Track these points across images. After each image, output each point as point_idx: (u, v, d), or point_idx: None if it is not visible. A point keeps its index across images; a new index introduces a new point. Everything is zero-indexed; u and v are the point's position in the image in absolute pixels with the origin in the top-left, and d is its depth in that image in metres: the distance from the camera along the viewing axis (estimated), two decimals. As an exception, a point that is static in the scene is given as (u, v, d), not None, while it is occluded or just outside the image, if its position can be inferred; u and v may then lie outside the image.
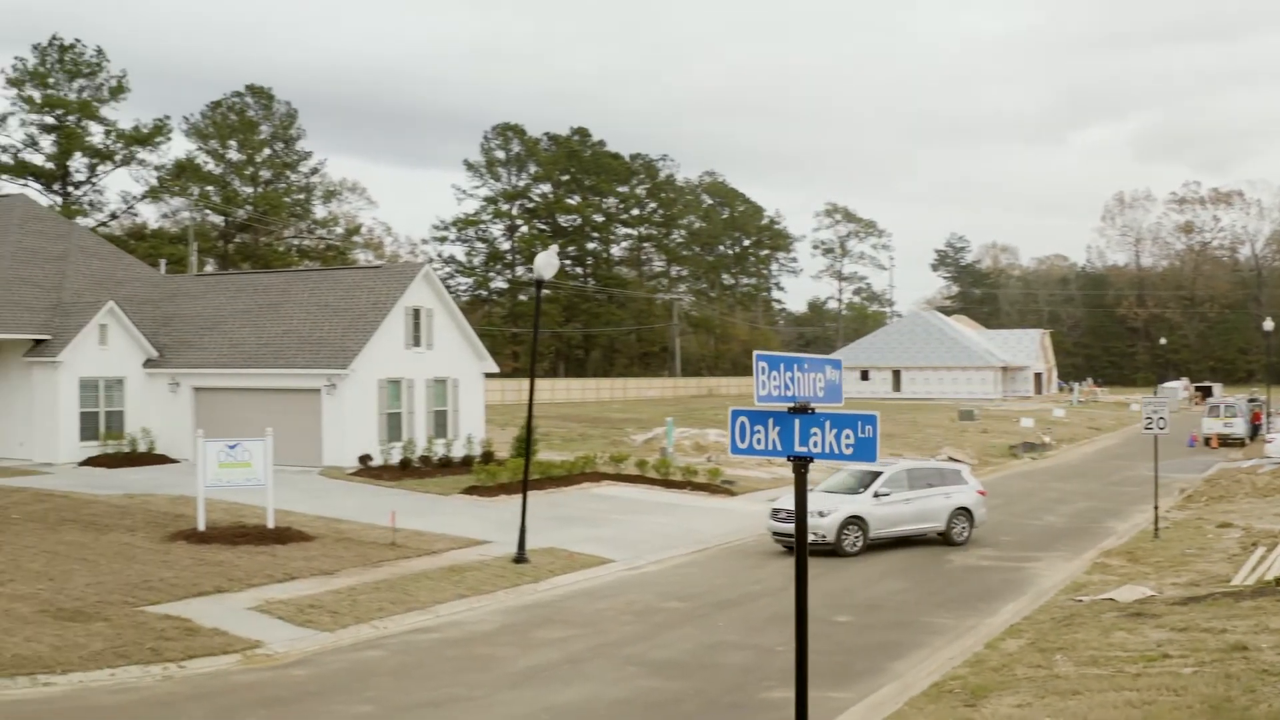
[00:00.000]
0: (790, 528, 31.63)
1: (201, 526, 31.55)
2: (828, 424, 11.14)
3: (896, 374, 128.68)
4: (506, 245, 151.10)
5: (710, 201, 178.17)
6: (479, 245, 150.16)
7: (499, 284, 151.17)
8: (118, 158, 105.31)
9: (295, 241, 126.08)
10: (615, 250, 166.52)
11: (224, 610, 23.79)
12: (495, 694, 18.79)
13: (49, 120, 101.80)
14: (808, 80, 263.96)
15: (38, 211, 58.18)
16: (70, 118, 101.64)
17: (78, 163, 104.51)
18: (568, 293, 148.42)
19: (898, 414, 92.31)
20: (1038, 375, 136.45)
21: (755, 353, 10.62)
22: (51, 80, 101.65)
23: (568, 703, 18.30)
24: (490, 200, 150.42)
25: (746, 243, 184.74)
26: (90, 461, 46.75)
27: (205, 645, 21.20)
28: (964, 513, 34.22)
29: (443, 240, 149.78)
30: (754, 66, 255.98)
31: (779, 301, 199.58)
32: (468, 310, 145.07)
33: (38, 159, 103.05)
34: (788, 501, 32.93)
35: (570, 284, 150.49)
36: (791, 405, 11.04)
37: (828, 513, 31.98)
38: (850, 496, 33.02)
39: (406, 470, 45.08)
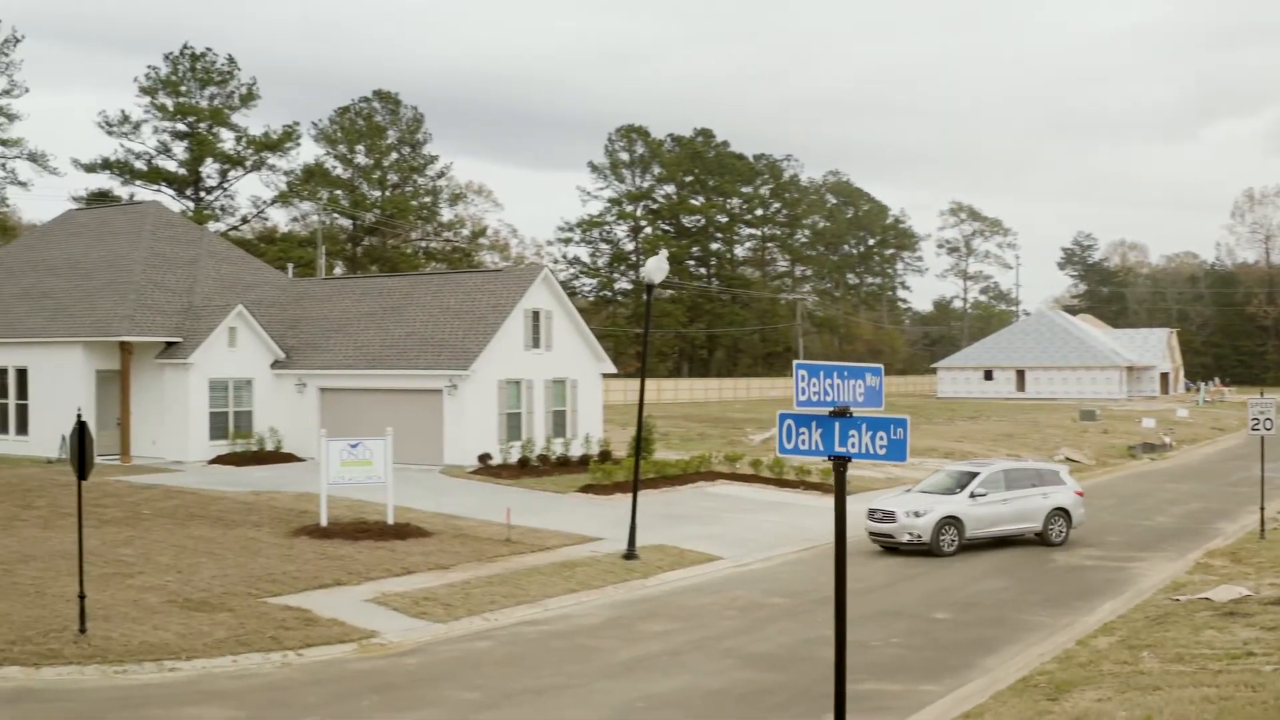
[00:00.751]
0: (885, 527, 32.74)
1: (324, 522, 32.77)
2: (864, 426, 12.05)
3: (1020, 374, 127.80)
4: (630, 246, 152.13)
5: (834, 201, 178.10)
6: (603, 246, 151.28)
7: (623, 285, 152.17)
8: (248, 163, 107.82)
9: (422, 244, 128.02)
10: (739, 250, 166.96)
11: (342, 602, 24.87)
12: (595, 683, 19.61)
13: (181, 127, 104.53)
14: (934, 77, 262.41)
15: (169, 218, 60.10)
16: (202, 125, 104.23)
17: (209, 168, 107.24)
18: (691, 293, 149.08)
19: (1020, 414, 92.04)
20: (1164, 375, 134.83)
21: (795, 362, 11.43)
22: (184, 88, 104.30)
23: (664, 692, 19.08)
24: (614, 202, 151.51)
25: (871, 242, 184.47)
26: (219, 460, 48.35)
27: (323, 634, 22.26)
28: (1061, 513, 34.19)
29: (567, 242, 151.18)
30: (880, 64, 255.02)
31: (904, 301, 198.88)
32: (592, 311, 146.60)
33: (171, 165, 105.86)
34: (884, 501, 33.79)
35: (694, 284, 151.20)
36: (832, 409, 11.81)
37: (924, 513, 32.32)
38: (946, 497, 33.19)
39: (525, 469, 46.11)
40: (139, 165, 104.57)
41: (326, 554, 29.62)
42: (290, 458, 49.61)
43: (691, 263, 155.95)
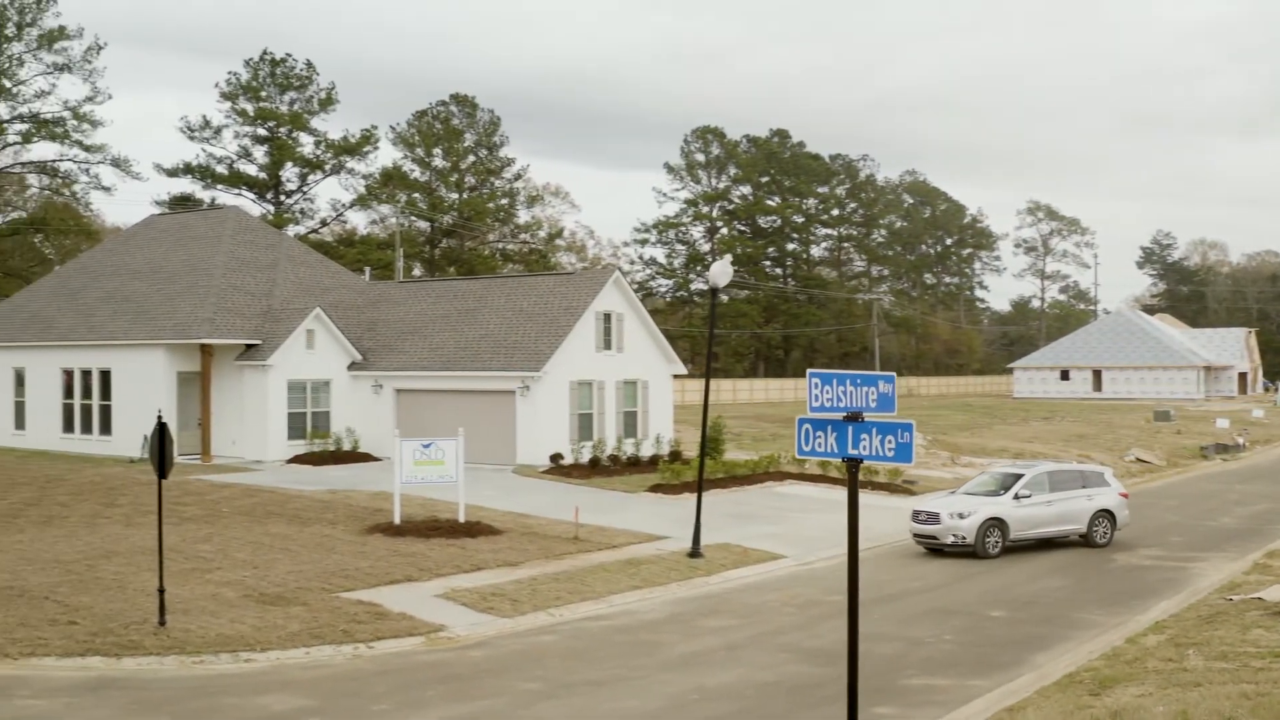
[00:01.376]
0: (928, 529, 33.03)
1: (397, 520, 33.65)
2: (874, 430, 12.82)
3: (1097, 374, 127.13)
4: (706, 247, 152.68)
5: (911, 200, 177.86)
6: (679, 247, 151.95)
7: (699, 285, 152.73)
8: (327, 167, 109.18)
9: (499, 246, 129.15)
10: (815, 251, 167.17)
11: (413, 597, 25.71)
12: (653, 675, 20.29)
13: (261, 132, 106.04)
14: (1013, 75, 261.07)
15: (249, 222, 61.41)
16: (282, 129, 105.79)
17: (289, 172, 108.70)
18: (768, 294, 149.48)
19: (1095, 414, 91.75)
20: (1242, 375, 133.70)
21: (809, 371, 12.17)
22: (264, 94, 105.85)
23: (718, 684, 19.73)
24: (690, 203, 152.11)
25: (949, 241, 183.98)
26: (297, 459, 49.45)
27: (393, 628, 23.09)
28: (1106, 515, 34.33)
29: (643, 243, 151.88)
30: (958, 62, 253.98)
31: (982, 300, 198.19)
32: (668, 312, 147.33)
33: (251, 169, 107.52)
34: (928, 503, 34.30)
35: (770, 285, 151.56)
36: (846, 414, 12.53)
37: (968, 514, 32.47)
38: (991, 498, 33.31)
39: (596, 469, 46.85)
40: (220, 170, 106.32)
41: (399, 551, 30.48)
42: (367, 457, 50.59)
43: (767, 263, 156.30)
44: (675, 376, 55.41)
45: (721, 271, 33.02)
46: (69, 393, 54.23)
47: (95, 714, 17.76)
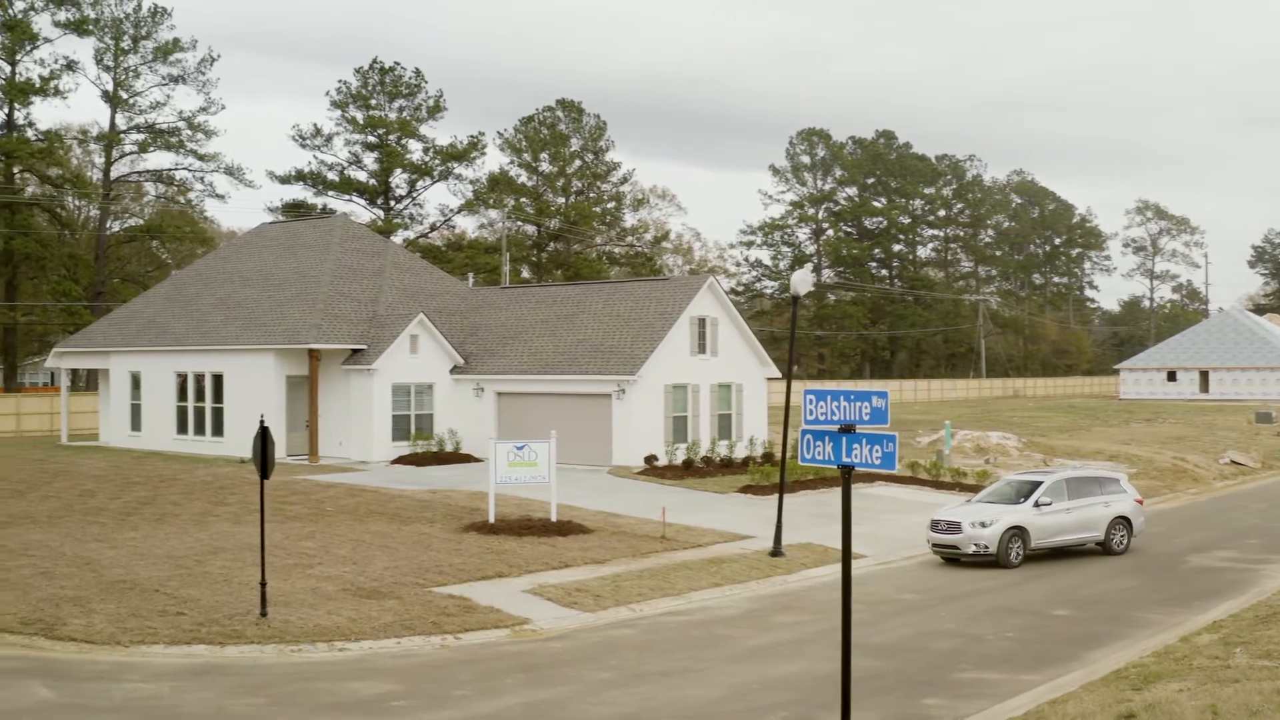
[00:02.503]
0: (948, 539, 32.53)
1: (491, 519, 35.12)
2: (864, 441, 14.06)
3: (1204, 374, 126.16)
4: (812, 249, 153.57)
5: (1019, 200, 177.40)
6: (784, 249, 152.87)
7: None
8: (435, 173, 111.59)
9: (605, 249, 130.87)
10: (922, 251, 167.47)
11: (501, 592, 27.14)
12: (719, 666, 21.51)
13: (371, 139, 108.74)
14: (1121, 72, 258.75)
15: (356, 230, 63.42)
16: (391, 136, 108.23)
17: (398, 178, 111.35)
18: (874, 295, 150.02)
19: (1198, 416, 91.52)
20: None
21: (804, 389, 13.50)
22: (373, 102, 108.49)
23: (780, 675, 20.90)
24: (796, 205, 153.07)
25: (1057, 241, 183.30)
26: (401, 460, 51.23)
27: (480, 620, 24.53)
28: (1123, 521, 34.18)
29: (749, 245, 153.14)
30: (1066, 59, 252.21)
31: (1092, 300, 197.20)
32: (774, 314, 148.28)
33: (361, 175, 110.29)
34: (948, 512, 33.73)
35: (876, 286, 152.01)
36: (840, 426, 13.81)
37: (990, 523, 32.03)
38: (1011, 506, 32.92)
39: (689, 470, 48.06)
40: (331, 176, 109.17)
41: (491, 548, 31.91)
42: (468, 458, 52.19)
43: (873, 264, 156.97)
44: (769, 379, 56.52)
45: (802, 280, 34.11)
46: (183, 395, 56.51)
47: (198, 696, 19.31)
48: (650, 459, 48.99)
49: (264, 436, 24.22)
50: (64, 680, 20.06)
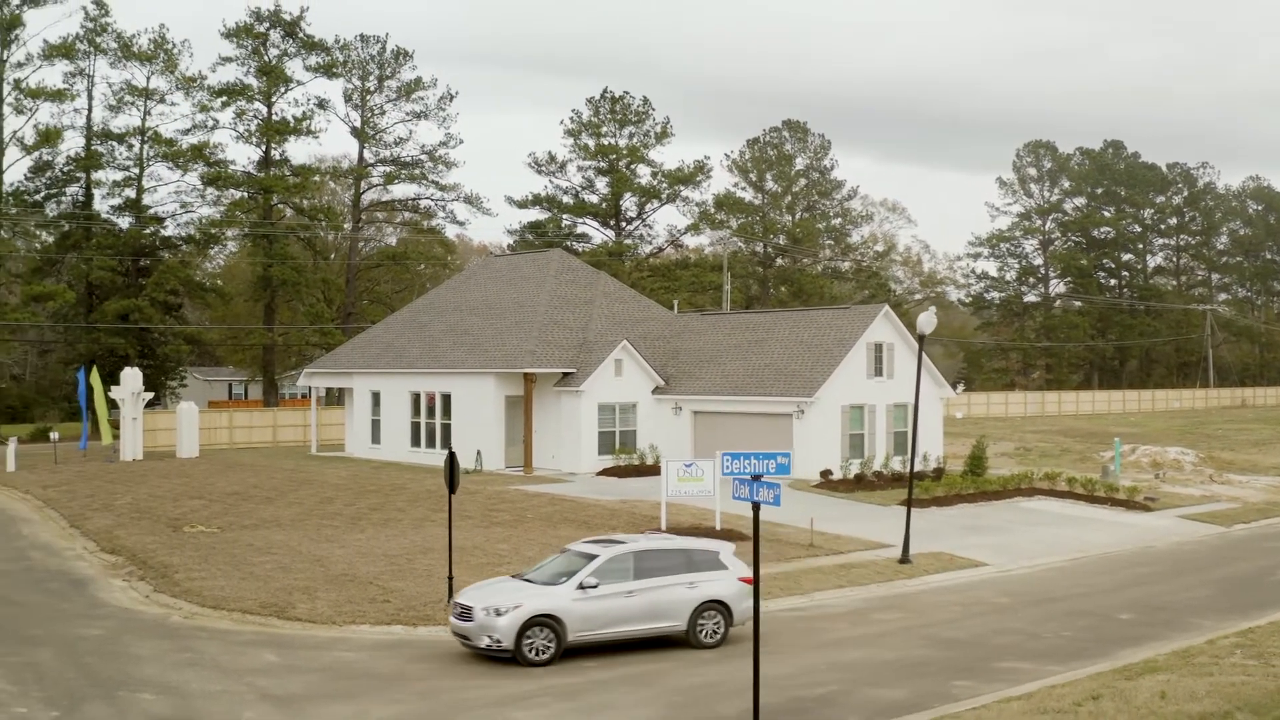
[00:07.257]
0: (464, 626, 25.63)
1: (664, 527, 40.38)
2: (765, 489, 19.19)
3: None
4: (1039, 260, 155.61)
5: (1256, 207, 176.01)
6: (1010, 260, 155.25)
7: (1030, 298, 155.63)
8: (663, 195, 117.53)
9: (831, 265, 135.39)
10: (1151, 261, 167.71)
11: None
12: (801, 652, 26.43)
13: (602, 165, 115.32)
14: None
15: (571, 263, 69.53)
16: (621, 162, 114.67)
17: (628, 201, 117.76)
18: (1101, 305, 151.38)
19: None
20: None
21: (720, 453, 18.86)
22: (604, 129, 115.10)
23: (847, 661, 25.72)
24: (1023, 216, 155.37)
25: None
26: (605, 472, 57.00)
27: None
28: (717, 607, 27.35)
29: (976, 256, 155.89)
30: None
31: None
32: (1001, 324, 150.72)
33: (593, 199, 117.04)
34: (467, 594, 26.50)
35: (1104, 296, 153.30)
36: (753, 475, 19.06)
37: (506, 610, 25.17)
38: (547, 588, 26.15)
39: (860, 483, 52.68)
40: (566, 200, 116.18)
41: (655, 553, 37.16)
42: (666, 471, 57.66)
43: (1101, 275, 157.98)
44: (947, 397, 60.76)
45: (927, 321, 38.74)
46: (416, 412, 63.34)
47: (387, 663, 25.19)
48: (826, 473, 53.68)
49: (451, 461, 30.17)
50: (287, 649, 26.24)
